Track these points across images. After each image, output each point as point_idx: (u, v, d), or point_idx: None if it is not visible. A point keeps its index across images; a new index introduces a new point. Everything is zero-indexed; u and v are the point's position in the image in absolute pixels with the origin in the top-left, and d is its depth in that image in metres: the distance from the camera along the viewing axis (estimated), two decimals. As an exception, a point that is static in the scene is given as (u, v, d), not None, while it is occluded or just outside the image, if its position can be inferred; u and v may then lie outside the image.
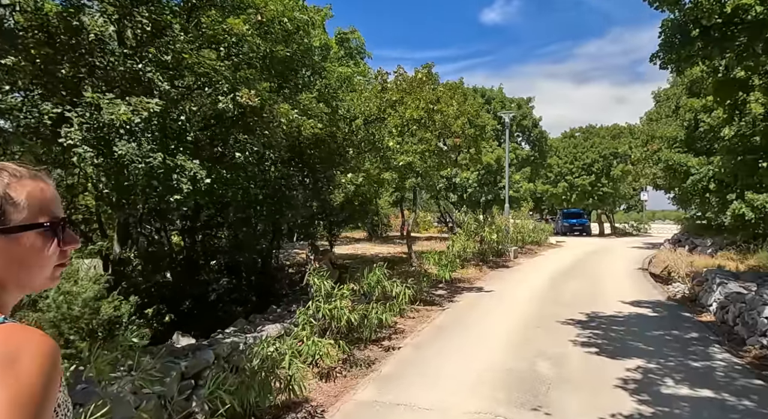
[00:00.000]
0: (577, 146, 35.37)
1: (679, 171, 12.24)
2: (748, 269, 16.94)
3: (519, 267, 15.92)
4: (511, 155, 23.75)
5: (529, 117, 25.29)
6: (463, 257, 13.85)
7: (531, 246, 22.73)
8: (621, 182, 35.08)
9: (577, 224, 38.16)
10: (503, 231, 17.96)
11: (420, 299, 10.11)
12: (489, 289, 11.62)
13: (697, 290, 9.70)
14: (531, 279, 13.17)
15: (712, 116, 10.96)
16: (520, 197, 23.71)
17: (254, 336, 5.65)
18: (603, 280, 13.06)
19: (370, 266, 15.19)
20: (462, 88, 13.83)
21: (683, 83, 13.44)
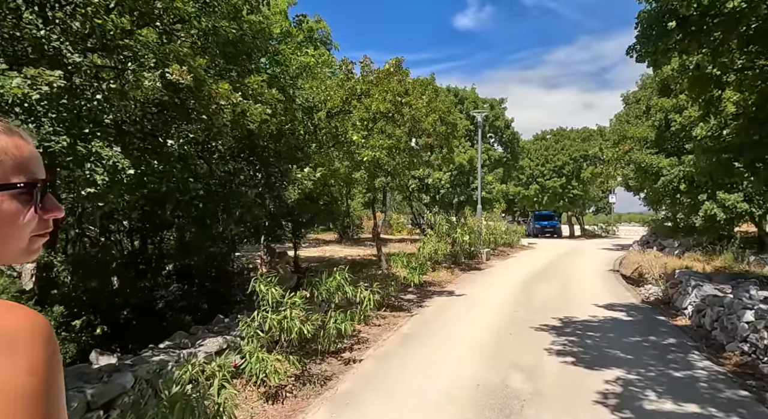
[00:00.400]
0: (549, 149, 35.67)
1: (650, 172, 12.08)
2: (714, 270, 17.13)
3: (491, 270, 15.53)
4: (484, 155, 23.51)
5: (502, 118, 25.16)
6: (435, 260, 13.33)
7: (503, 248, 22.51)
8: (591, 185, 35.56)
9: (549, 226, 38.52)
10: (475, 233, 17.58)
11: (387, 305, 9.50)
12: (460, 293, 11.11)
13: (670, 292, 9.47)
14: (503, 282, 12.76)
15: (683, 115, 10.82)
16: (492, 199, 23.49)
17: (189, 351, 4.88)
18: (575, 282, 12.78)
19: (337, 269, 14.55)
20: (433, 85, 13.36)
21: (653, 84, 13.36)
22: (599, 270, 15.77)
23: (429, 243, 12.88)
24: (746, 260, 18.70)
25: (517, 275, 13.98)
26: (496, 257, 19.15)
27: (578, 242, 31.19)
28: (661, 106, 11.72)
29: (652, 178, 12.17)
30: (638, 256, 21.65)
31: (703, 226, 11.31)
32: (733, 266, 17.28)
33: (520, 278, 13.40)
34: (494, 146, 26.16)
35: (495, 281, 13.10)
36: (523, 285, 12.20)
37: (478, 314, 8.95)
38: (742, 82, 7.71)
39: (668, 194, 11.80)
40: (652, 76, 13.68)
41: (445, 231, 13.94)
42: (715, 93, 8.02)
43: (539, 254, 21.07)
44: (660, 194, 12.06)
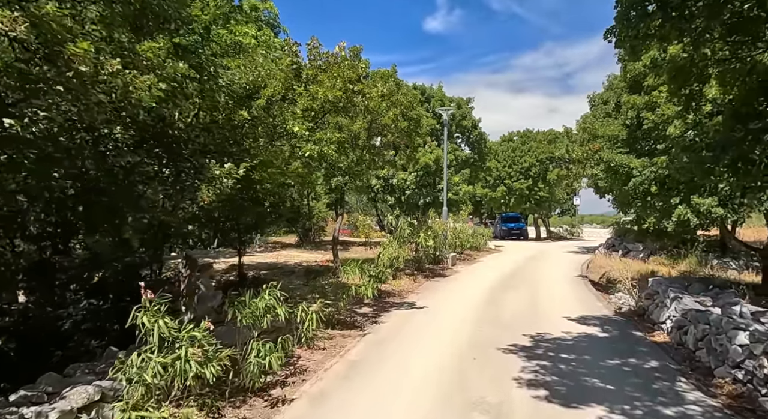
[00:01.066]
0: (515, 150, 35.46)
1: (620, 173, 11.44)
2: (680, 274, 16.89)
3: (456, 276, 14.62)
4: (450, 156, 22.71)
5: (469, 118, 24.49)
6: (396, 266, 12.26)
7: (470, 251, 21.75)
8: (556, 187, 35.58)
9: (515, 228, 38.38)
10: (440, 237, 16.66)
11: (338, 322, 8.34)
12: (421, 305, 10.07)
13: (645, 303, 8.75)
14: (468, 291, 11.83)
15: (656, 113, 10.20)
16: (459, 200, 22.71)
17: (37, 411, 3.55)
18: (544, 290, 12.00)
19: (289, 277, 13.23)
20: (395, 77, 12.33)
21: (623, 81, 12.80)
22: (567, 276, 15.14)
23: (389, 249, 11.80)
24: (709, 264, 18.71)
25: (483, 283, 13.10)
26: (462, 262, 18.31)
27: (544, 245, 30.99)
28: (632, 103, 11.11)
29: (622, 179, 11.53)
30: (604, 260, 21.39)
31: (675, 231, 10.76)
32: (698, 270, 17.13)
33: (487, 286, 12.52)
34: (461, 147, 25.45)
35: (460, 289, 12.16)
36: (490, 294, 11.30)
37: (439, 331, 7.91)
38: (725, 76, 7.01)
39: (639, 197, 11.18)
40: (621, 74, 13.14)
41: (407, 236, 12.92)
42: (696, 87, 7.31)
43: (506, 258, 20.42)
44: (630, 197, 11.43)
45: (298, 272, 13.50)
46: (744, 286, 11.71)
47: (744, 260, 18.73)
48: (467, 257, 19.86)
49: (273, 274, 13.32)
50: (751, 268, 17.91)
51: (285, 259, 16.66)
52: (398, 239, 13.31)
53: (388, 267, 11.85)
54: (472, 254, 20.99)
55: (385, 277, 11.48)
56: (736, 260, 18.77)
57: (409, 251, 14.78)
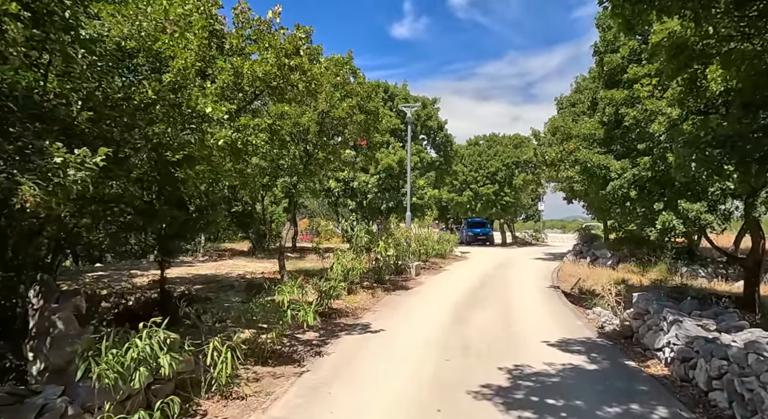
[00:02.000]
0: (482, 154, 34.75)
1: (597, 175, 10.38)
2: (651, 282, 16.20)
3: (420, 288, 13.19)
4: (415, 158, 21.41)
5: (435, 118, 23.34)
6: (351, 280, 10.69)
7: (435, 259, 20.45)
8: (522, 192, 35.10)
9: (482, 233, 37.66)
10: (403, 244, 15.24)
11: (272, 353, 6.68)
12: (378, 327, 8.53)
13: (635, 324, 7.57)
14: (433, 307, 10.42)
15: (638, 108, 9.17)
16: (424, 205, 21.43)
17: None
18: (517, 305, 10.75)
19: (228, 293, 11.39)
20: (351, 65, 10.83)
21: (599, 75, 11.83)
22: (539, 286, 14.04)
23: (342, 260, 10.22)
24: (679, 272, 18.22)
25: (449, 296, 11.73)
26: (427, 271, 16.96)
27: (511, 251, 30.26)
28: (611, 99, 10.09)
29: (599, 182, 10.47)
30: (573, 267, 20.64)
31: (658, 239, 9.79)
32: (669, 279, 16.53)
33: (454, 300, 11.16)
34: (427, 149, 24.26)
35: (424, 305, 10.72)
36: (457, 311, 9.92)
37: (396, 365, 6.40)
38: (731, 58, 5.91)
39: (617, 202, 10.13)
40: (596, 69, 12.18)
41: (364, 244, 11.39)
42: (698, 68, 6.20)
43: (473, 266, 19.25)
44: (607, 202, 10.38)
45: (238, 286, 11.68)
46: (726, 299, 10.95)
47: (712, 268, 18.40)
48: (432, 265, 18.54)
49: (208, 289, 11.45)
50: (720, 276, 17.56)
51: (229, 270, 14.74)
52: (355, 249, 11.75)
53: (341, 281, 10.27)
54: (437, 263, 19.70)
55: (338, 293, 9.89)
56: (704, 268, 18.38)
57: (368, 261, 13.24)
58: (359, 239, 11.31)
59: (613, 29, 10.77)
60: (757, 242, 10.27)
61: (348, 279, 10.49)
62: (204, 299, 10.30)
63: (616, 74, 10.73)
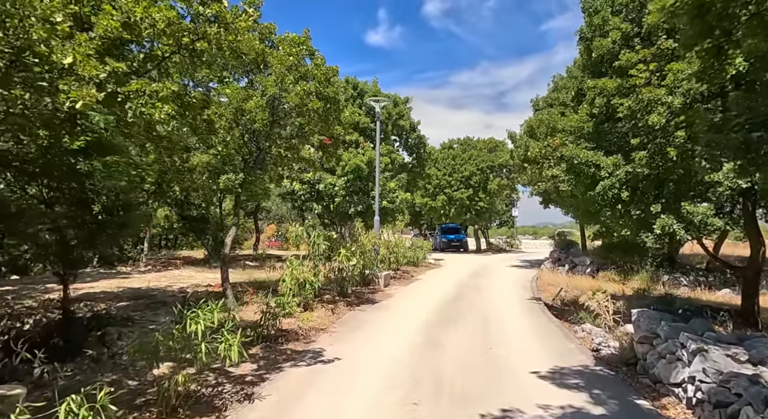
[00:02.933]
0: (456, 158, 33.78)
1: (585, 174, 9.21)
2: (633, 292, 15.25)
3: (389, 302, 11.70)
4: (386, 159, 20.01)
5: (407, 118, 22.06)
6: (306, 294, 9.09)
7: (407, 268, 19.05)
8: (497, 197, 34.27)
9: (456, 239, 36.63)
10: (371, 252, 13.75)
11: (186, 398, 5.04)
12: (332, 355, 6.98)
13: (640, 350, 6.29)
14: (401, 325, 8.95)
15: (633, 98, 8.04)
16: (395, 209, 20.03)
17: None
18: (496, 324, 9.40)
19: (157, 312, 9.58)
20: (308, 46, 9.31)
21: (584, 65, 10.74)
22: (519, 298, 12.80)
23: (296, 271, 8.63)
24: (661, 280, 17.41)
25: (420, 311, 10.30)
26: (397, 281, 15.50)
27: (485, 258, 29.22)
28: (601, 88, 8.96)
29: (587, 182, 9.30)
30: (552, 276, 19.62)
31: (655, 246, 8.66)
32: (651, 288, 15.63)
33: (424, 317, 9.73)
34: (399, 151, 22.91)
35: (390, 322, 9.24)
36: (428, 331, 8.47)
37: (348, 414, 4.88)
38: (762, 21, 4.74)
39: (607, 204, 8.97)
40: (581, 59, 11.09)
41: (323, 253, 9.83)
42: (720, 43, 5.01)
43: (448, 275, 17.93)
44: (597, 204, 9.21)
45: (173, 302, 9.88)
46: (725, 312, 9.94)
47: (693, 276, 17.71)
48: (404, 274, 17.10)
49: (135, 307, 9.61)
50: (702, 284, 16.85)
51: (170, 282, 12.86)
52: (313, 258, 10.18)
53: (293, 296, 8.68)
54: (409, 271, 18.29)
55: (289, 310, 8.30)
56: (685, 276, 17.66)
57: (330, 271, 11.68)
58: (316, 247, 9.74)
59: (601, 12, 9.68)
60: (757, 249, 9.30)
61: (303, 294, 8.90)
62: (124, 321, 8.50)
63: (606, 62, 9.62)
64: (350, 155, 19.10)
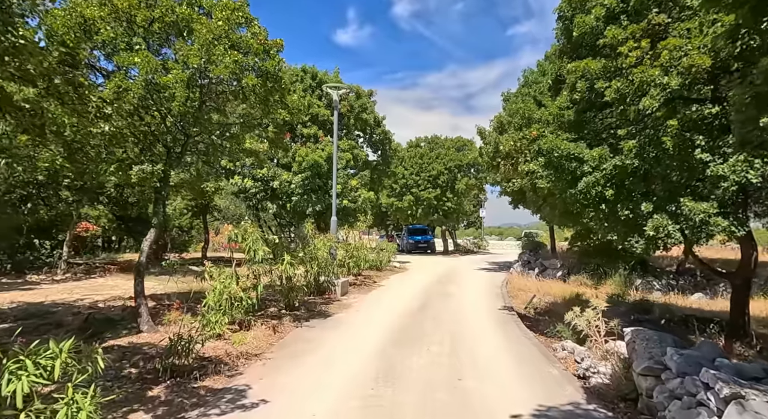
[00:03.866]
0: (423, 157, 32.65)
1: (565, 169, 8.04)
2: (607, 297, 14.38)
3: (343, 315, 10.19)
4: (347, 155, 18.49)
5: (371, 112, 20.61)
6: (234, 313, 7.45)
7: (370, 272, 17.61)
8: (465, 197, 33.40)
9: (423, 241, 35.56)
10: (327, 258, 12.21)
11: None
12: (258, 396, 5.41)
13: (644, 384, 5.07)
14: (351, 349, 7.48)
15: (620, 80, 6.92)
16: (357, 209, 18.53)
17: None
18: (467, 343, 8.07)
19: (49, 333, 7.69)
20: (245, 12, 7.68)
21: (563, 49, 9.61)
22: (490, 308, 11.60)
23: (223, 284, 6.99)
24: (634, 285, 16.72)
25: (378, 328, 8.87)
26: (357, 289, 14.02)
27: (453, 260, 28.19)
28: (584, 70, 7.83)
29: (568, 179, 8.13)
30: (522, 280, 18.63)
31: (645, 250, 7.58)
32: (625, 293, 14.85)
33: (383, 335, 8.30)
34: (363, 147, 21.41)
35: (338, 346, 7.75)
36: (386, 356, 7.04)
37: None
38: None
39: (591, 203, 7.82)
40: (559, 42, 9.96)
41: (261, 259, 8.20)
42: None
43: (413, 280, 16.61)
44: (578, 203, 8.05)
45: (70, 323, 8.01)
46: (714, 324, 9.03)
47: (665, 280, 17.15)
48: (365, 280, 15.64)
49: (21, 328, 7.67)
50: (676, 289, 16.26)
51: (84, 294, 10.86)
52: (251, 266, 8.54)
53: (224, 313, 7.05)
54: (371, 276, 16.84)
55: (213, 331, 6.68)
56: (657, 280, 17.07)
57: (276, 278, 10.06)
58: (254, 252, 8.11)
59: (584, -14, 8.55)
60: (749, 254, 8.39)
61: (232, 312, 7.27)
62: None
63: (587, 44, 8.50)
64: (308, 150, 17.47)
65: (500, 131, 18.99)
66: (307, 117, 18.77)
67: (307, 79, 19.44)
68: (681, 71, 6.20)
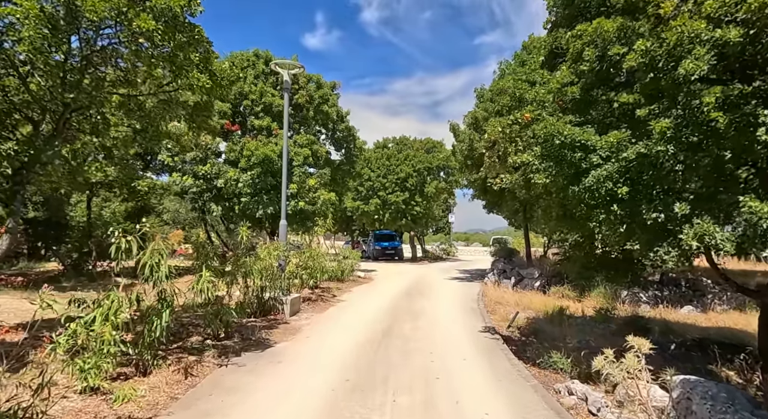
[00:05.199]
0: (391, 158, 30.83)
1: (567, 161, 6.27)
2: (594, 311, 12.86)
3: (287, 346, 8.01)
4: (306, 150, 16.33)
5: (333, 105, 18.54)
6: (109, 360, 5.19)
7: (329, 284, 15.46)
8: (434, 201, 31.78)
9: (390, 247, 33.72)
10: (274, 270, 10.01)
11: None
12: None
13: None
14: (292, 403, 5.36)
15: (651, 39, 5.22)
16: (316, 212, 16.37)
17: None
18: (445, 388, 6.10)
19: None
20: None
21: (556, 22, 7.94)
22: (469, 329, 9.73)
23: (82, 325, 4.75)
24: (620, 297, 15.33)
25: (329, 365, 6.79)
26: (312, 305, 11.85)
27: (422, 268, 26.40)
28: (594, 33, 6.13)
29: (569, 173, 6.37)
30: (498, 292, 16.91)
31: (678, 264, 5.91)
32: (611, 306, 13.38)
33: (332, 380, 6.22)
34: (325, 144, 19.27)
35: (269, 399, 5.60)
36: (333, 415, 4.97)
37: None
38: None
39: (600, 204, 6.07)
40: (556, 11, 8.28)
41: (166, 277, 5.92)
42: None
43: (378, 293, 14.60)
44: (585, 205, 6.28)
45: None
46: (746, 354, 7.46)
47: (651, 291, 15.91)
48: (322, 295, 13.48)
49: None
50: (664, 301, 15.00)
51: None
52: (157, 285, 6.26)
53: (102, 357, 4.79)
54: (331, 289, 14.70)
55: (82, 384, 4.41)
56: (644, 291, 15.82)
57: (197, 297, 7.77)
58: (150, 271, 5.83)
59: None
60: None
61: (104, 358, 5.00)
62: None
63: (595, 2, 6.83)
64: (258, 143, 15.19)
65: (475, 128, 17.39)
66: (259, 107, 16.50)
67: (260, 65, 17.17)
68: (746, 18, 4.53)
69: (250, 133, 16.58)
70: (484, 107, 17.10)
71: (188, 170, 15.58)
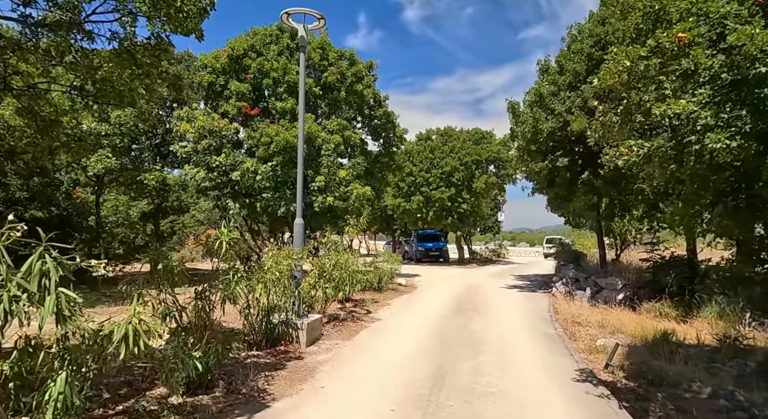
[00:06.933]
0: (435, 151, 27.92)
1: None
2: (715, 340, 9.45)
3: (292, 404, 5.44)
4: (336, 137, 13.84)
5: (369, 85, 15.97)
6: None
7: (363, 295, 12.88)
8: (484, 198, 28.52)
9: (434, 248, 30.80)
10: (287, 281, 7.52)
11: None
12: None
13: None
14: None
15: None
16: (349, 209, 13.86)
17: None
18: None
19: None
20: None
21: None
22: (555, 373, 6.76)
23: None
24: (745, 321, 11.62)
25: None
26: (338, 327, 9.30)
27: (472, 272, 23.33)
28: None
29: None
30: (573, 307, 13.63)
31: None
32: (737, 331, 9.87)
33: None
34: (357, 129, 16.74)
35: None
36: None
37: None
38: None
39: None
40: None
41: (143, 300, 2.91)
42: None
43: (422, 309, 11.85)
44: None
45: None
46: None
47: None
48: (354, 310, 10.91)
49: None
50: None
51: None
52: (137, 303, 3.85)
53: None
54: (365, 301, 12.12)
55: None
56: None
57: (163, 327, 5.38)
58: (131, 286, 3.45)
59: None
60: None
61: None
62: None
63: None
64: (279, 127, 12.86)
65: (540, 106, 14.24)
66: (282, 87, 14.18)
67: (284, 39, 14.87)
68: None
69: (273, 117, 14.32)
70: (552, 79, 13.90)
71: (200, 161, 13.52)
